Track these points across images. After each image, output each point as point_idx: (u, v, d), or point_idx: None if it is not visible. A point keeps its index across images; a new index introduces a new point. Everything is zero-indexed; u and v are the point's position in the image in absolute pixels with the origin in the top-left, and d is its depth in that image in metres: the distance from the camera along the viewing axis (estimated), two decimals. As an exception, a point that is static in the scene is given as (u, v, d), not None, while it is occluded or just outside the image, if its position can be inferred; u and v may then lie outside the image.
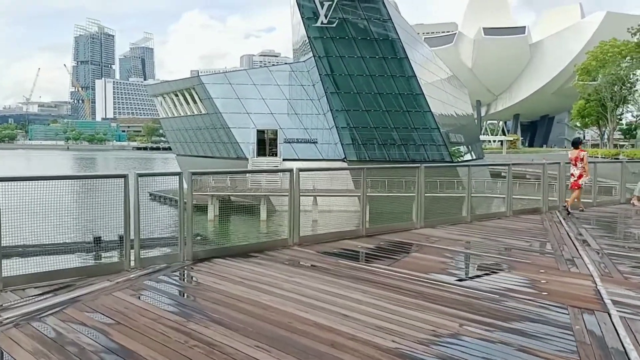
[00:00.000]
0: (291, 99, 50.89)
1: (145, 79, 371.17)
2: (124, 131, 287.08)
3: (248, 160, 49.25)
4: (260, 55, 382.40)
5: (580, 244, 8.89)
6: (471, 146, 67.62)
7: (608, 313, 5.22)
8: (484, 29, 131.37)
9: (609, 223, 12.46)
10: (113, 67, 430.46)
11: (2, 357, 4.20)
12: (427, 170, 10.91)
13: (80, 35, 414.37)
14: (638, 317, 5.12)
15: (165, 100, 61.07)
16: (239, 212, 41.50)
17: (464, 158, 59.79)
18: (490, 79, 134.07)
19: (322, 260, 7.66)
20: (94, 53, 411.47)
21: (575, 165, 13.06)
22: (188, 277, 6.85)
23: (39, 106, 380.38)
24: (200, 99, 52.62)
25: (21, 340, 4.48)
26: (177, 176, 7.40)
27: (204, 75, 62.50)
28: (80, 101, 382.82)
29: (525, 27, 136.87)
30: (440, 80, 61.45)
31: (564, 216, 12.18)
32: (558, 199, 13.66)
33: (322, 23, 47.93)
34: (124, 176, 6.86)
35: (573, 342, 4.50)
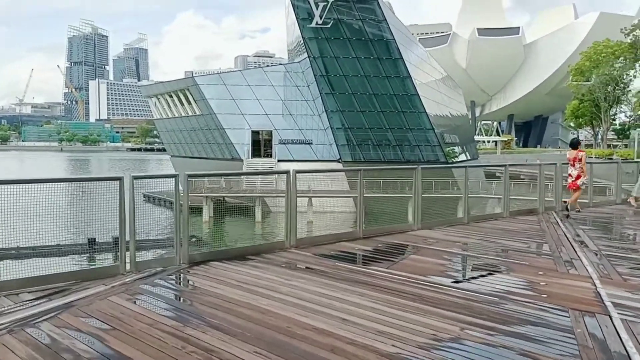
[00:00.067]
0: (286, 100, 50.84)
1: (139, 80, 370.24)
2: (117, 132, 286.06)
3: (243, 161, 49.17)
4: (255, 56, 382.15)
5: (578, 245, 8.87)
6: (466, 146, 67.74)
7: (609, 316, 5.18)
8: (478, 29, 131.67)
9: (606, 224, 12.46)
10: (107, 68, 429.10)
11: (-5, 364, 4.12)
12: (423, 171, 10.86)
13: (74, 36, 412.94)
14: (639, 320, 5.08)
15: (159, 101, 60.88)
16: (234, 213, 41.39)
17: (458, 158, 59.89)
18: (485, 79, 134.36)
19: (319, 262, 7.59)
20: (88, 54, 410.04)
21: (573, 165, 13.07)
22: (184, 280, 6.77)
23: (32, 107, 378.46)
24: (195, 100, 52.49)
25: (15, 347, 4.39)
26: (173, 179, 7.31)
27: (198, 76, 62.32)
28: (73, 102, 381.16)
29: (519, 28, 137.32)
30: (434, 80, 61.55)
31: (560, 217, 12.17)
32: (554, 199, 13.64)
33: (316, 24, 47.94)
34: (119, 179, 6.78)
35: (575, 346, 4.46)
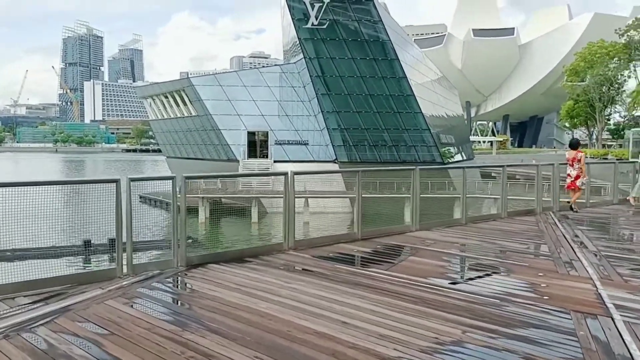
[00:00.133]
0: (282, 101, 50.76)
1: (134, 81, 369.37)
2: (113, 133, 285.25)
3: (239, 162, 49.05)
4: (250, 57, 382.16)
5: (577, 246, 8.84)
6: (461, 147, 67.89)
7: (611, 318, 5.14)
8: (473, 30, 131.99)
9: (604, 224, 12.45)
10: (102, 68, 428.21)
11: (-9, 371, 4.05)
12: (420, 172, 10.82)
13: (69, 36, 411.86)
14: (642, 322, 5.05)
15: (154, 102, 60.70)
16: (230, 214, 41.28)
17: (454, 159, 59.99)
18: (480, 80, 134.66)
19: (318, 265, 7.54)
20: (83, 55, 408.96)
21: (572, 165, 13.12)
22: (182, 283, 6.69)
23: (27, 108, 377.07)
24: (190, 101, 52.36)
25: (11, 352, 4.31)
26: (171, 180, 7.24)
27: (194, 76, 62.26)
28: (68, 103, 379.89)
29: (514, 29, 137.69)
30: (430, 81, 61.62)
31: (558, 217, 12.15)
32: (552, 200, 13.63)
33: (312, 24, 47.87)
34: (116, 181, 6.70)
35: (579, 349, 4.41)
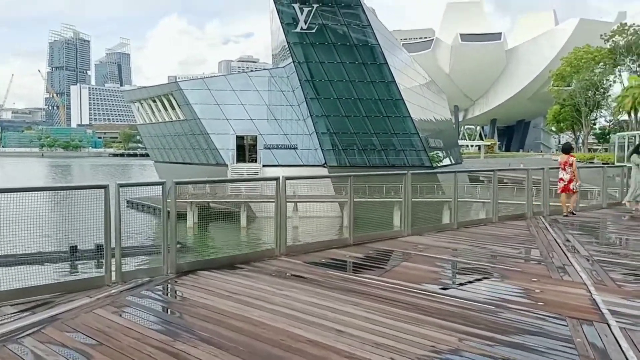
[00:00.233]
0: (271, 105, 50.64)
1: (121, 85, 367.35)
2: (100, 138, 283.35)
3: (227, 166, 48.82)
4: (239, 61, 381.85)
5: (569, 250, 8.83)
6: (450, 151, 68.14)
7: (607, 324, 5.11)
8: (460, 35, 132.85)
9: (594, 229, 12.49)
10: (89, 72, 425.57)
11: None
12: (411, 176, 10.77)
13: (55, 40, 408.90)
14: (638, 328, 5.02)
15: (142, 106, 60.32)
16: (219, 219, 41.04)
17: (443, 163, 60.16)
18: (468, 84, 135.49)
19: (310, 271, 7.45)
20: (69, 59, 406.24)
21: (564, 169, 13.21)
22: (172, 291, 6.58)
23: (12, 113, 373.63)
24: (179, 105, 52.07)
25: (-4, 365, 4.19)
26: (161, 186, 7.12)
27: (182, 80, 62.04)
28: (55, 107, 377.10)
29: (501, 34, 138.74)
30: (419, 85, 61.83)
31: (549, 222, 12.17)
32: (542, 204, 13.66)
33: (301, 29, 47.83)
34: (105, 187, 6.57)
35: (576, 356, 4.37)
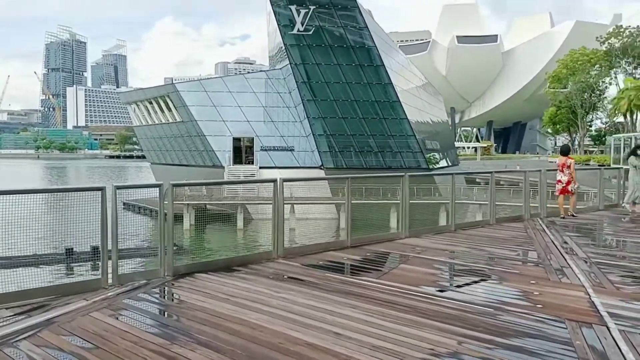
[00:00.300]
0: (267, 107, 50.59)
1: (118, 87, 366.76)
2: (96, 139, 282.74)
3: (224, 168, 48.75)
4: (236, 63, 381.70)
5: (567, 252, 8.83)
6: (446, 153, 68.22)
7: (606, 326, 5.09)
8: (457, 37, 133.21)
9: (591, 230, 12.50)
10: (85, 74, 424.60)
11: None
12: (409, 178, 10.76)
13: (51, 42, 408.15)
14: (637, 331, 5.00)
15: (139, 107, 60.20)
16: (215, 220, 40.99)
17: (439, 164, 60.23)
18: (464, 86, 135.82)
19: (308, 273, 7.42)
20: (65, 60, 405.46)
21: (562, 171, 13.23)
22: (170, 294, 6.54)
23: (8, 114, 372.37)
24: (175, 107, 51.98)
25: (-9, 369, 4.15)
26: (158, 188, 7.08)
27: (178, 82, 61.90)
28: (51, 109, 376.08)
29: (497, 36, 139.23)
30: (415, 87, 61.90)
31: (546, 224, 12.17)
32: (539, 206, 13.67)
33: (298, 31, 47.86)
34: (102, 189, 6.53)
35: (576, 359, 4.35)
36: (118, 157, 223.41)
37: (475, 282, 7.28)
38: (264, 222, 37.52)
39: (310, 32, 48.00)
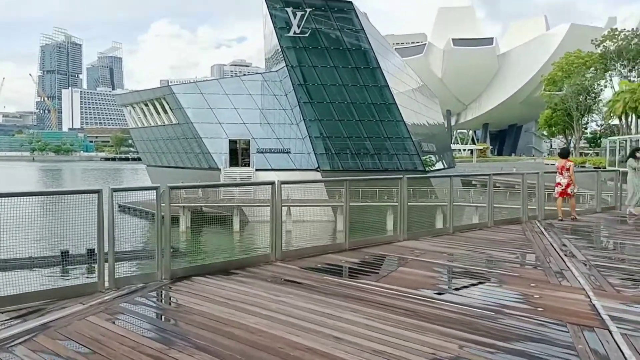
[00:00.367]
0: (264, 109, 50.53)
1: (113, 89, 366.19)
2: (91, 141, 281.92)
3: (220, 170, 48.63)
4: (232, 65, 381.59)
5: (566, 255, 8.79)
6: (443, 155, 68.28)
7: (608, 330, 5.05)
8: (453, 39, 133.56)
9: (590, 233, 12.47)
10: (80, 76, 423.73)
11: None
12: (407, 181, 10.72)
13: (47, 44, 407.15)
14: (639, 334, 4.96)
15: (134, 110, 60.01)
16: (211, 223, 40.85)
17: (435, 167, 60.23)
18: (460, 88, 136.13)
19: (307, 276, 7.36)
20: (61, 62, 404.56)
21: (561, 174, 13.23)
22: (167, 298, 6.47)
23: (3, 116, 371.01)
24: (171, 109, 51.83)
25: (-14, 375, 4.08)
26: (155, 191, 7.01)
27: (174, 84, 61.73)
28: (46, 111, 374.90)
29: (493, 38, 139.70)
30: (412, 89, 61.97)
31: (544, 226, 12.15)
32: (537, 208, 13.64)
33: (294, 33, 47.85)
34: (98, 191, 6.46)
35: (579, 363, 4.31)
36: (113, 159, 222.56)
37: (475, 285, 7.24)
38: (260, 224, 37.42)
39: (307, 35, 48.00)
